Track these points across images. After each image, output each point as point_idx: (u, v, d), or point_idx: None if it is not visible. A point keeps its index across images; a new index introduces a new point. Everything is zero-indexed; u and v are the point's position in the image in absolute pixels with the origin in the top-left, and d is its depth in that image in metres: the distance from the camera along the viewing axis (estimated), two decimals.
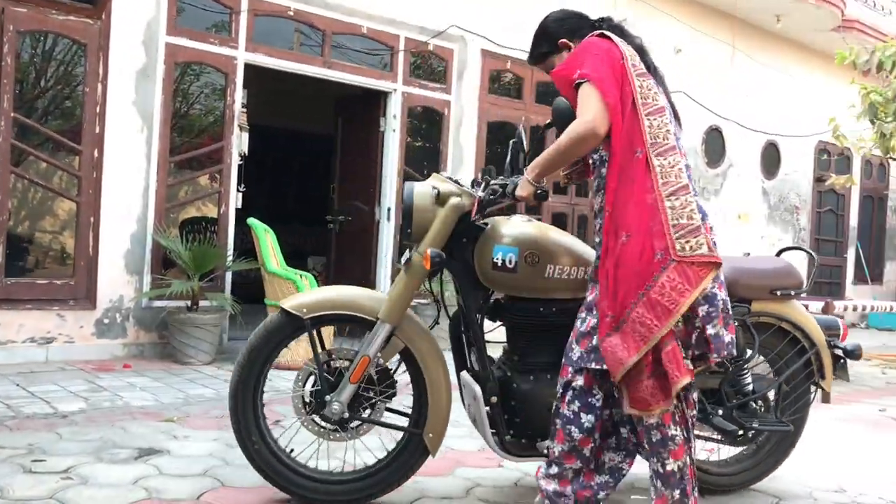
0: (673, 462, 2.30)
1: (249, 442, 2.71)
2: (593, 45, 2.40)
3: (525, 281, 2.69)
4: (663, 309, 2.17)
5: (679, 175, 2.28)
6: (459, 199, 2.69)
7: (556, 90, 2.57)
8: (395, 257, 7.05)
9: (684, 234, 2.21)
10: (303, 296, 2.82)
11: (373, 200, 7.13)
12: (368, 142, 7.22)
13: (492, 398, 2.68)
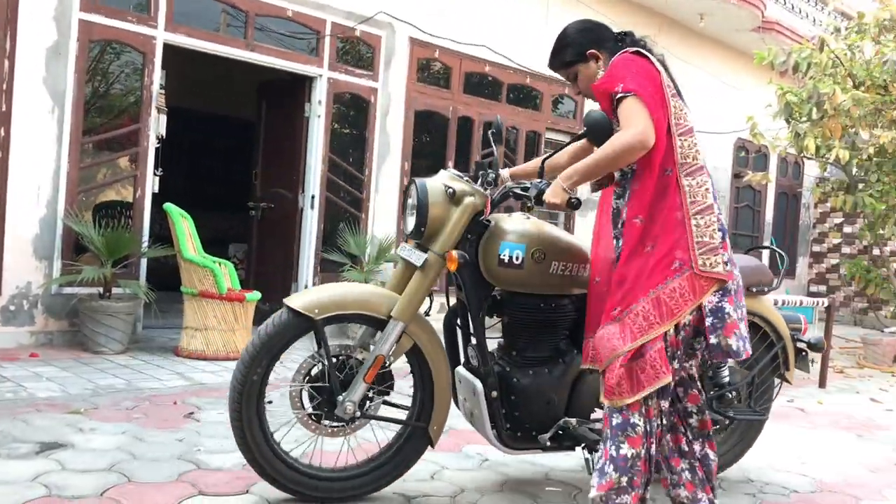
0: (628, 448, 2.37)
1: (253, 443, 2.63)
2: (633, 62, 2.50)
3: (530, 277, 2.74)
4: (668, 310, 2.33)
5: (706, 195, 2.42)
6: (474, 199, 2.73)
7: (485, 81, 2.58)
8: (318, 246, 6.94)
9: (706, 251, 2.37)
10: (310, 295, 2.70)
11: (296, 187, 7.01)
12: (293, 128, 7.09)
13: (492, 393, 2.72)
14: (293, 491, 2.72)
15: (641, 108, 2.38)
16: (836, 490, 3.40)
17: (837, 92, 7.04)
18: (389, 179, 7.51)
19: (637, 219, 2.43)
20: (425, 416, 2.80)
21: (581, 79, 2.71)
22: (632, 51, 2.56)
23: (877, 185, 7.74)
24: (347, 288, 2.83)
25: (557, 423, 2.79)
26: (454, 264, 2.64)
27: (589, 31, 2.71)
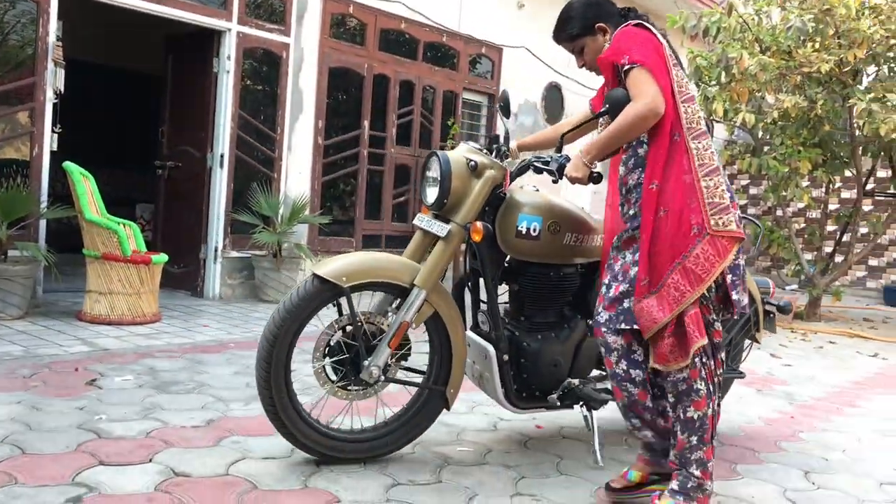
0: (694, 411, 2.51)
1: (281, 409, 2.68)
2: (637, 34, 2.56)
3: (545, 248, 2.89)
4: (696, 277, 2.41)
5: (711, 157, 2.50)
6: (493, 172, 2.82)
7: (402, 38, 2.54)
8: (228, 206, 6.76)
9: (717, 211, 2.43)
10: (336, 263, 2.73)
11: (205, 146, 6.79)
12: (201, 84, 6.84)
13: (504, 356, 2.85)
14: (318, 452, 2.79)
15: (649, 77, 2.46)
16: (736, 443, 3.53)
17: (745, 56, 7.21)
18: (303, 138, 7.35)
19: (653, 185, 2.49)
20: (442, 380, 2.90)
21: (587, 52, 2.78)
22: (634, 23, 2.62)
23: (780, 148, 7.99)
24: (372, 256, 2.88)
25: (562, 384, 2.96)
26: (479, 235, 2.72)
27: (596, 4, 2.76)
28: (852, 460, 3.39)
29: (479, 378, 3.02)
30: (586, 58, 2.80)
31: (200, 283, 6.83)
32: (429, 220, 2.89)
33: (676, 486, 2.54)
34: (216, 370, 4.17)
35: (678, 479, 2.55)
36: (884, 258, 11.72)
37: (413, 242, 2.96)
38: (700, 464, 2.52)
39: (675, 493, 2.53)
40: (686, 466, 2.53)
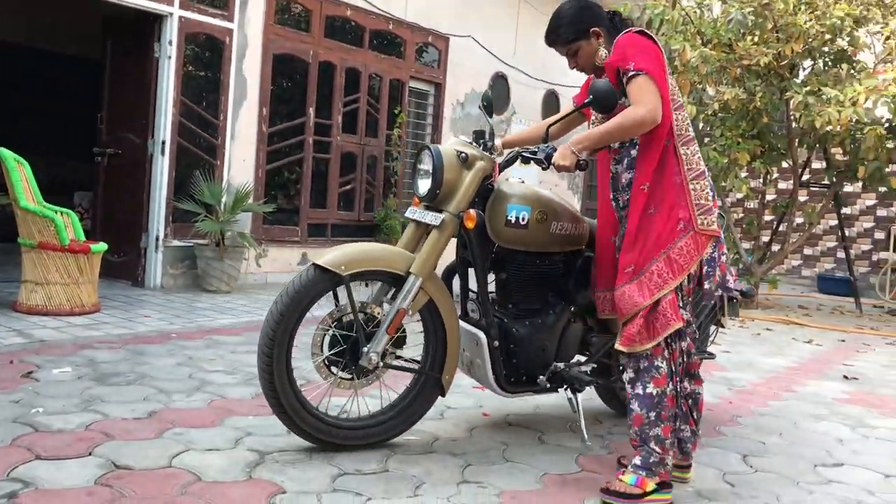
0: (654, 387, 2.65)
1: (283, 396, 2.72)
2: (641, 42, 2.70)
3: (533, 237, 3.00)
4: (679, 266, 2.64)
5: (699, 162, 2.72)
6: (483, 163, 2.92)
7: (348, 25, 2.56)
8: (170, 194, 6.63)
9: (703, 212, 2.67)
10: (334, 252, 2.79)
11: (146, 132, 6.64)
12: (141, 69, 6.68)
13: (494, 343, 2.95)
14: (319, 440, 2.84)
15: (653, 86, 2.62)
16: None
17: (687, 49, 7.34)
18: (246, 125, 7.24)
19: (644, 186, 2.68)
20: (437, 367, 2.98)
21: (582, 55, 2.88)
22: (636, 30, 2.74)
23: (721, 139, 8.15)
24: (368, 246, 2.95)
25: (549, 368, 3.06)
26: (472, 222, 2.82)
27: (588, 9, 2.87)
28: (788, 443, 3.49)
29: (468, 365, 3.11)
30: (580, 60, 2.90)
31: (141, 272, 6.70)
32: (421, 212, 2.98)
33: (639, 461, 2.66)
34: (158, 361, 4.09)
35: (640, 454, 2.67)
36: (818, 247, 12.07)
37: (406, 233, 3.05)
38: (658, 440, 2.64)
39: (638, 468, 2.65)
40: (647, 442, 2.65)
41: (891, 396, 4.67)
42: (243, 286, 7.17)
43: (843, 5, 7.45)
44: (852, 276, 9.64)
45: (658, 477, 2.63)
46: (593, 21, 2.84)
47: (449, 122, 9.57)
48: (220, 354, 4.36)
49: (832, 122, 6.94)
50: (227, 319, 5.45)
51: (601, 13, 2.87)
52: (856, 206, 11.47)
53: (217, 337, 4.84)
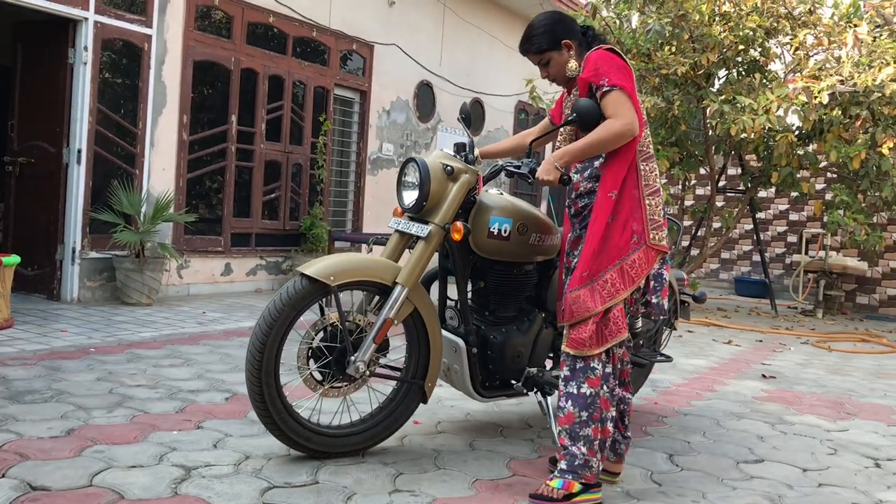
0: (588, 388, 2.70)
1: (272, 406, 2.73)
2: (613, 59, 2.78)
3: (513, 248, 3.11)
4: (629, 278, 2.72)
5: (655, 179, 2.81)
6: (468, 176, 3.00)
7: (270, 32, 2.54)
8: (87, 205, 6.42)
9: (655, 227, 2.76)
10: (322, 263, 2.80)
11: (60, 140, 6.41)
12: (55, 75, 6.45)
13: (473, 350, 3.05)
14: (307, 448, 2.86)
15: (628, 101, 2.71)
16: None
17: None
18: (166, 133, 7.07)
19: (612, 193, 2.73)
20: (420, 374, 3.04)
21: (553, 65, 2.94)
22: (606, 48, 2.82)
23: None
24: (355, 257, 2.97)
25: (524, 373, 3.19)
26: (459, 235, 2.87)
27: (562, 22, 2.95)
28: (712, 442, 3.58)
29: (446, 371, 3.18)
30: (551, 70, 2.97)
31: (57, 285, 6.46)
32: (406, 223, 3.03)
33: (565, 465, 2.69)
34: (76, 377, 3.95)
35: (565, 458, 2.70)
36: (734, 251, 12.47)
37: (390, 244, 3.09)
38: (587, 441, 2.68)
39: (564, 472, 2.68)
40: (575, 441, 2.69)
41: (806, 393, 4.85)
42: (165, 298, 6.98)
43: (755, 17, 7.73)
44: (767, 279, 9.98)
45: (583, 479, 2.67)
46: (566, 34, 2.92)
47: (375, 130, 9.55)
48: (141, 368, 4.24)
49: (746, 130, 7.19)
50: (149, 332, 5.30)
51: (574, 27, 2.96)
52: (770, 211, 11.89)
53: (138, 351, 4.70)
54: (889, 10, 7.97)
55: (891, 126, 7.54)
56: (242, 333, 5.54)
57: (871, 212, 8.53)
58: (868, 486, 3.10)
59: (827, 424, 4.07)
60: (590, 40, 2.95)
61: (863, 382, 5.38)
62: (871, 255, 10.14)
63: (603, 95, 2.74)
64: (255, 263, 8.06)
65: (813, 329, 8.33)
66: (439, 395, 4.05)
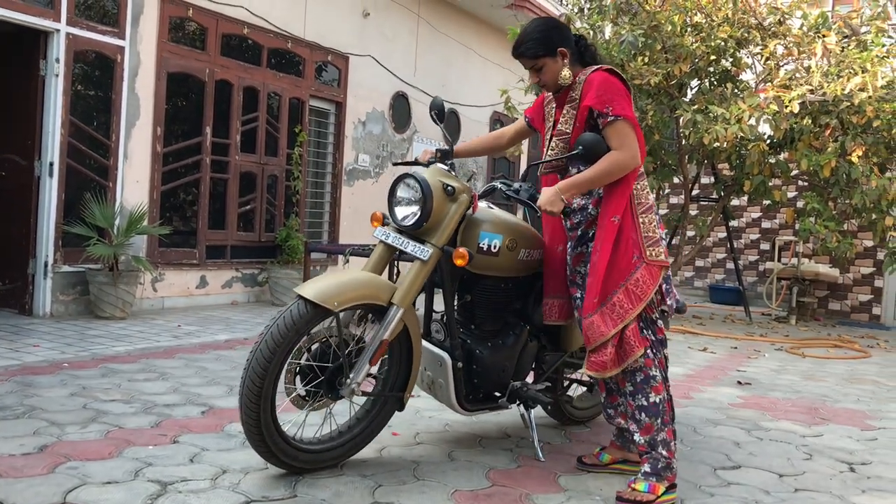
0: (655, 395, 2.85)
1: (267, 432, 2.68)
2: (615, 84, 2.87)
3: (503, 263, 3.08)
4: (636, 297, 2.81)
5: (647, 196, 2.91)
6: (466, 196, 2.98)
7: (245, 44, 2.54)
8: (59, 218, 6.34)
9: (651, 244, 2.85)
10: (320, 285, 2.74)
11: (31, 153, 6.33)
12: (26, 87, 6.38)
13: (458, 364, 3.02)
14: (292, 466, 2.82)
15: (632, 132, 2.83)
16: (582, 439, 3.68)
17: None
18: (140, 145, 7.01)
19: (615, 218, 2.84)
20: (399, 386, 3.04)
21: (546, 71, 2.96)
22: (606, 69, 2.91)
23: None
24: (352, 277, 2.86)
25: (508, 387, 3.20)
26: (464, 261, 2.85)
27: (557, 29, 2.98)
28: (689, 449, 3.60)
29: (430, 384, 3.15)
30: (543, 77, 2.98)
31: (29, 300, 6.37)
32: (397, 237, 2.96)
33: (648, 468, 2.84)
34: (49, 392, 3.89)
35: (648, 461, 2.85)
36: (709, 259, 12.57)
37: (375, 256, 3.04)
38: (665, 444, 2.84)
39: (648, 475, 2.83)
40: (654, 448, 2.83)
41: (781, 399, 4.89)
42: (139, 312, 6.91)
43: (726, 28, 7.83)
44: (741, 286, 10.08)
45: (667, 480, 2.82)
46: (562, 41, 2.95)
47: (351, 141, 9.53)
48: (116, 383, 4.18)
49: (719, 139, 7.27)
50: (123, 347, 5.24)
51: (569, 35, 2.99)
52: (742, 219, 12.01)
53: (112, 365, 4.64)
54: (856, 21, 8.11)
55: (860, 135, 7.65)
56: (218, 346, 5.49)
57: (841, 219, 8.65)
58: (843, 490, 3.13)
59: (802, 430, 4.11)
60: (581, 50, 3.01)
61: (836, 388, 5.44)
62: (843, 261, 10.27)
63: (607, 124, 2.83)
64: (230, 276, 8.01)
65: (787, 335, 8.42)
66: (418, 405, 4.04)
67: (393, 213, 2.99)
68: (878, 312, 10.40)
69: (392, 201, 3.00)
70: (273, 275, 8.09)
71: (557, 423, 3.88)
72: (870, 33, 7.90)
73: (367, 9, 9.52)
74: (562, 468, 3.17)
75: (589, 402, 3.96)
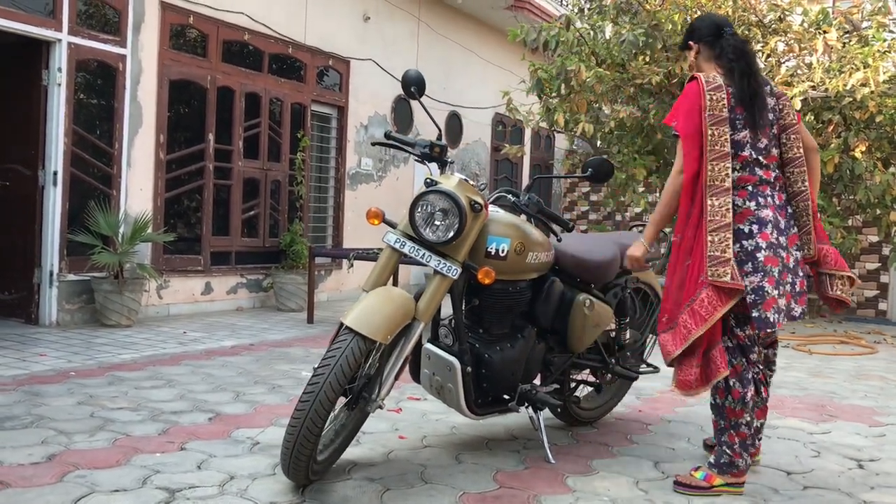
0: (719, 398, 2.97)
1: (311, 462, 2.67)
2: (685, 95, 2.94)
3: (511, 267, 3.07)
4: (700, 317, 2.80)
5: (725, 214, 2.82)
6: (485, 212, 2.98)
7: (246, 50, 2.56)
8: (64, 227, 6.36)
9: (715, 263, 2.78)
10: (371, 317, 2.70)
11: (35, 163, 6.35)
12: (29, 97, 6.41)
13: (467, 368, 3.01)
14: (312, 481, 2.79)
15: (680, 150, 2.90)
16: (590, 439, 3.68)
17: (582, 69, 7.55)
18: (143, 153, 7.03)
19: (677, 237, 2.94)
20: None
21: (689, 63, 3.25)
22: (692, 76, 2.97)
23: (618, 156, 8.41)
24: (387, 300, 2.80)
25: (516, 390, 3.19)
26: (490, 279, 2.87)
27: (699, 22, 3.17)
28: (697, 448, 3.60)
29: (439, 389, 3.12)
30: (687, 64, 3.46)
31: (35, 309, 6.38)
32: (420, 251, 2.91)
33: (712, 460, 3.00)
34: (56, 401, 3.90)
35: (715, 454, 3.00)
36: None
37: (383, 260, 2.96)
38: (728, 445, 2.94)
39: (711, 465, 2.98)
40: (720, 444, 2.97)
41: (788, 396, 4.88)
42: (145, 319, 6.93)
43: None
44: None
45: (730, 476, 2.93)
46: (692, 35, 3.14)
47: (353, 145, 9.55)
48: (123, 391, 4.19)
49: None
50: (129, 354, 5.25)
51: (708, 29, 3.09)
52: None
53: (119, 373, 4.65)
54: (857, 17, 8.09)
55: (862, 130, 7.64)
56: (224, 353, 5.50)
57: (846, 215, 8.63)
58: (852, 487, 3.12)
59: (810, 427, 4.10)
60: (723, 42, 3.04)
61: (843, 384, 5.43)
62: (848, 257, 10.25)
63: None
64: (235, 282, 8.02)
65: (793, 332, 8.40)
66: (424, 409, 4.05)
67: (418, 226, 2.90)
68: (885, 308, 10.37)
69: (416, 214, 2.90)
70: (278, 280, 8.09)
71: (564, 425, 3.88)
72: (871, 28, 7.88)
73: (368, 13, 9.54)
74: (570, 469, 3.17)
75: (596, 403, 3.96)
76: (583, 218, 13.78)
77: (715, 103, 2.87)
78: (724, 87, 2.92)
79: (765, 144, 2.95)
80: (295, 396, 4.19)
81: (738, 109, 2.91)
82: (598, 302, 3.48)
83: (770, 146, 2.97)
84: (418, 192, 2.93)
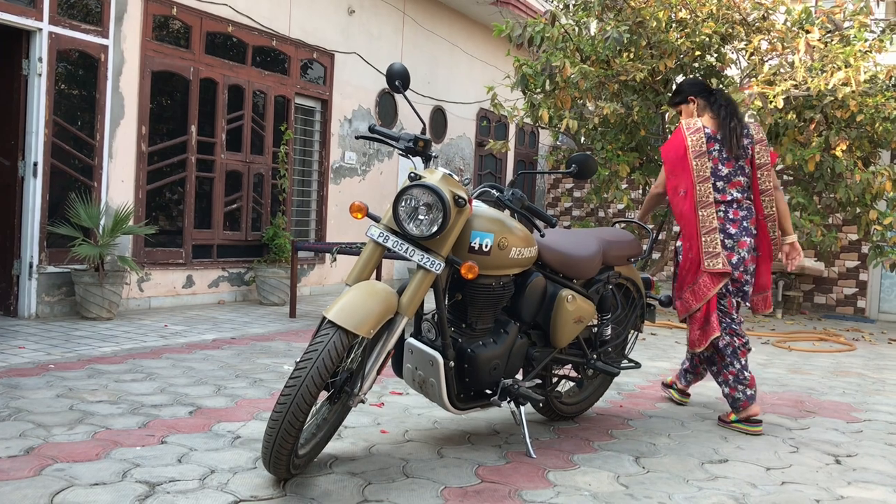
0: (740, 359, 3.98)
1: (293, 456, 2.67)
2: (674, 136, 4.07)
3: (494, 262, 3.08)
4: (698, 296, 3.95)
5: (712, 221, 3.92)
6: (468, 207, 2.99)
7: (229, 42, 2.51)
8: (44, 219, 6.30)
9: (709, 257, 3.90)
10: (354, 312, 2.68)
11: (15, 153, 6.29)
12: (8, 87, 6.33)
13: (450, 363, 3.03)
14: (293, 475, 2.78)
15: (662, 172, 4.12)
16: (571, 434, 3.69)
17: (567, 65, 7.56)
18: (125, 145, 6.97)
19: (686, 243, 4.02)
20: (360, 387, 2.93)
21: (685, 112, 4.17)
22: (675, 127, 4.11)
23: (601, 152, 8.43)
24: (370, 294, 2.78)
25: (499, 385, 3.21)
26: (474, 274, 2.89)
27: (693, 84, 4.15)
28: (677, 443, 3.62)
29: (421, 384, 3.12)
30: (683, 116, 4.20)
31: (14, 301, 6.33)
32: (404, 246, 2.90)
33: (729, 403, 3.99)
34: (35, 394, 3.87)
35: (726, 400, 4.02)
36: None
37: (366, 254, 2.96)
38: (724, 383, 3.97)
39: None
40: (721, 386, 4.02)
41: (768, 393, 4.92)
42: (125, 312, 6.88)
43: (711, 24, 7.86)
44: None
45: (741, 409, 3.89)
46: (691, 91, 4.12)
47: (337, 139, 9.51)
48: (102, 384, 4.16)
49: None
50: (110, 347, 5.22)
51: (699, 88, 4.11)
52: None
53: (99, 366, 4.62)
54: (839, 16, 8.15)
55: (844, 129, 7.70)
56: (205, 346, 5.47)
57: (826, 213, 8.70)
58: (829, 482, 3.15)
59: (788, 423, 4.14)
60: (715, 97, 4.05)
61: (822, 381, 5.48)
62: (828, 255, 10.34)
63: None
64: (217, 275, 7.98)
65: (773, 329, 8.47)
66: (406, 403, 4.05)
67: (401, 221, 2.90)
68: (863, 305, 10.48)
69: (400, 208, 2.90)
70: (260, 274, 8.06)
71: (546, 419, 3.89)
72: (852, 28, 7.94)
73: (353, 6, 9.50)
74: (551, 463, 3.18)
75: (577, 398, 3.98)
76: (566, 214, 13.81)
77: (696, 142, 3.93)
78: (702, 129, 3.94)
79: (725, 173, 3.93)
80: (276, 390, 4.18)
81: (709, 145, 3.92)
82: (580, 297, 3.49)
83: (732, 174, 3.93)
84: (402, 186, 2.93)
